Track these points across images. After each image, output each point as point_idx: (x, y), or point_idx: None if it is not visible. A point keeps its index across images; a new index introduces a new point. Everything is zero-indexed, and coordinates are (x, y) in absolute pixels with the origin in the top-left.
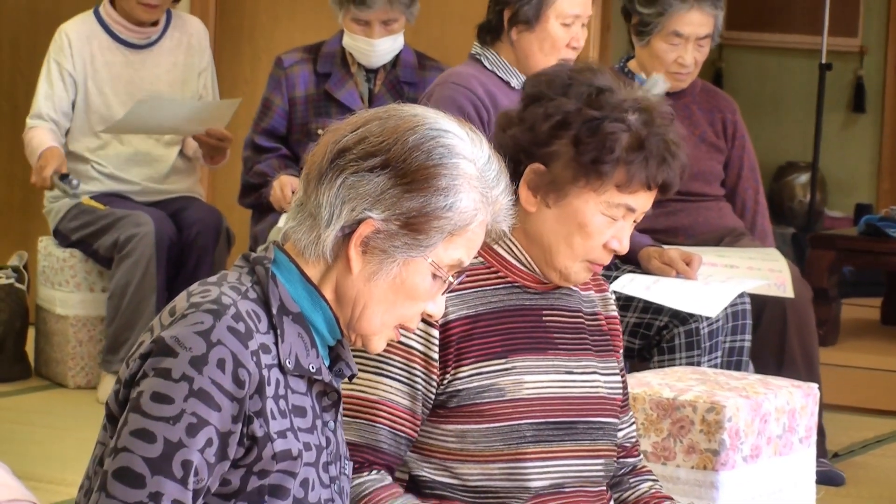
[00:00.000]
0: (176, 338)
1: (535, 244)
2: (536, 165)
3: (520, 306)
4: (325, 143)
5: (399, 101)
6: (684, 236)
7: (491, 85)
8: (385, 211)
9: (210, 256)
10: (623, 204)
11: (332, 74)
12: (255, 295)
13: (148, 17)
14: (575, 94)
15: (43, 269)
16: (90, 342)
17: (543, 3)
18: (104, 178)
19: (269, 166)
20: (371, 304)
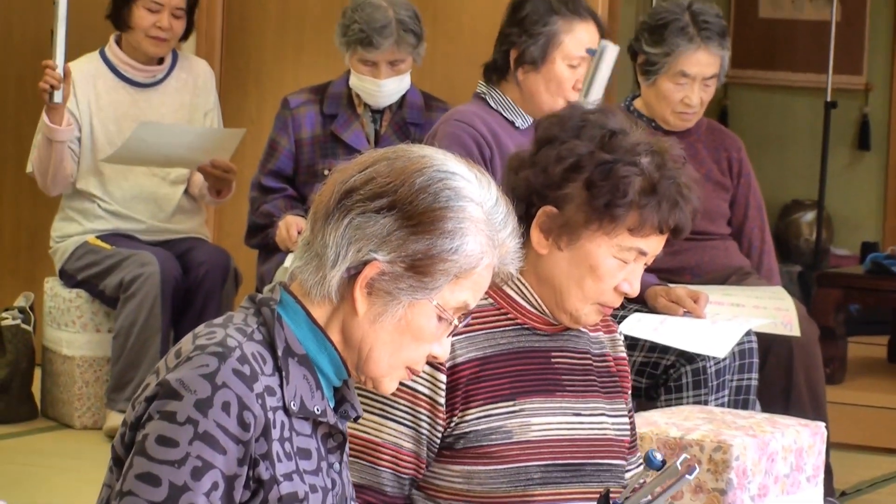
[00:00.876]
0: (181, 381)
1: (546, 286)
2: (549, 208)
3: (529, 348)
4: (332, 183)
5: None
6: (691, 275)
7: (495, 124)
8: (391, 253)
9: (217, 297)
10: (635, 247)
11: (338, 115)
12: (260, 336)
13: (156, 51)
14: (588, 136)
15: (49, 309)
16: (97, 383)
17: (550, 44)
18: (109, 215)
19: (275, 207)
20: (377, 345)
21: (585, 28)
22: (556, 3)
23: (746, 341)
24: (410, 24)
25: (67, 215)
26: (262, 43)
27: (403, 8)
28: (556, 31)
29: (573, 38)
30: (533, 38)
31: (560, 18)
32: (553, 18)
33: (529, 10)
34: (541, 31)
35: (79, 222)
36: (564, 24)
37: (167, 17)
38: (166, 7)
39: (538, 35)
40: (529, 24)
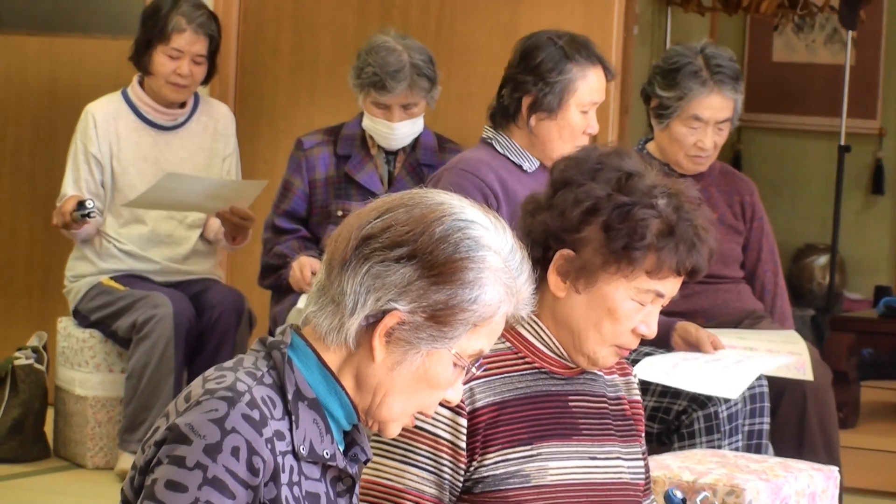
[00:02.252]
0: (190, 425)
1: (563, 329)
2: (566, 251)
3: (546, 392)
4: (348, 229)
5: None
6: (704, 318)
7: (502, 169)
8: (411, 303)
9: (232, 338)
10: (653, 290)
11: (352, 156)
12: (270, 380)
13: (176, 97)
14: (604, 178)
15: (62, 349)
16: (109, 423)
17: (566, 92)
18: (124, 255)
19: (288, 247)
20: (392, 392)
21: (596, 74)
22: (569, 49)
23: (757, 385)
24: (424, 68)
25: (82, 255)
26: (275, 84)
27: (417, 52)
28: (571, 78)
29: (586, 85)
30: (549, 86)
31: (575, 66)
32: (568, 66)
33: (544, 58)
34: (557, 79)
35: (93, 262)
36: (579, 70)
37: (187, 64)
38: (187, 54)
39: (554, 83)
40: (545, 71)
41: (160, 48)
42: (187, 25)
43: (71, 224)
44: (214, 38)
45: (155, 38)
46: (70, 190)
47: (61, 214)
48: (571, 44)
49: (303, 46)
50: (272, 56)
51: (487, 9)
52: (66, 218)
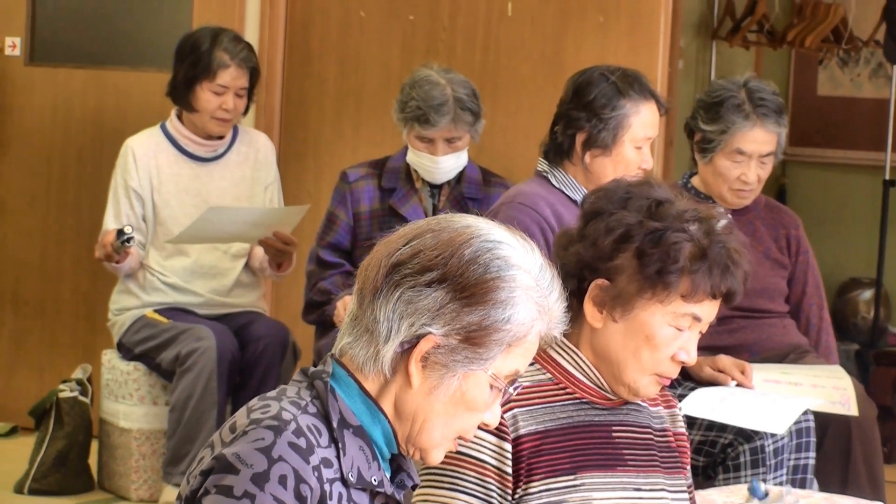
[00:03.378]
0: (237, 455)
1: (602, 360)
2: (601, 281)
3: (588, 422)
4: (377, 257)
5: None
6: (749, 353)
7: (558, 204)
8: (445, 326)
9: (276, 371)
10: (689, 313)
11: (396, 190)
12: (314, 409)
13: (221, 130)
14: (635, 206)
15: (107, 382)
16: (153, 456)
17: (620, 127)
18: (168, 288)
19: (332, 284)
20: (431, 417)
21: (649, 109)
22: (622, 85)
23: (804, 420)
24: (468, 102)
25: (126, 288)
26: (320, 116)
27: (461, 86)
28: (625, 114)
29: (640, 120)
30: (603, 123)
31: (628, 101)
32: (621, 102)
33: (597, 94)
34: (610, 115)
35: (137, 295)
36: (632, 106)
37: (231, 99)
38: (231, 89)
39: (608, 119)
40: (598, 107)
41: (205, 85)
42: (231, 61)
43: (112, 255)
44: (256, 71)
45: (200, 74)
46: (111, 224)
47: (102, 246)
48: (624, 79)
49: (348, 79)
50: (317, 89)
51: (532, 42)
52: (107, 249)
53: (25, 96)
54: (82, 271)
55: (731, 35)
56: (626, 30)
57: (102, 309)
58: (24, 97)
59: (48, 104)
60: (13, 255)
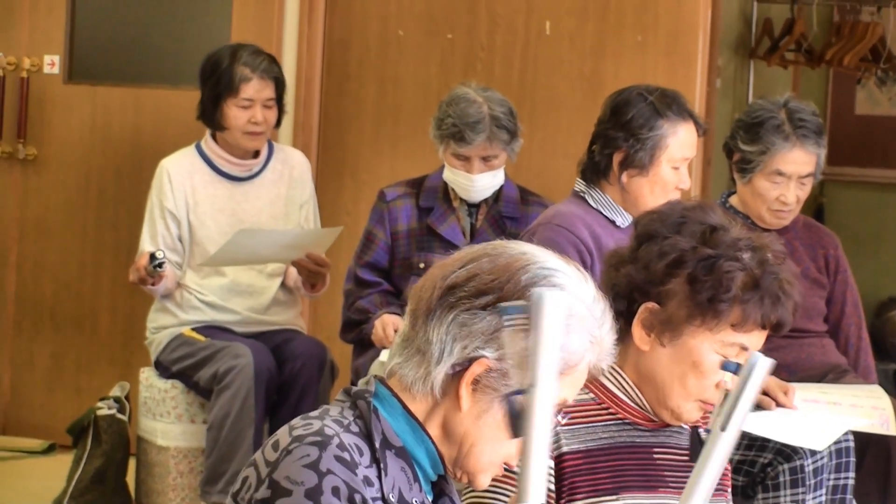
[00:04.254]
0: (288, 477)
1: (647, 383)
2: (651, 304)
3: (630, 443)
4: (432, 279)
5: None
6: (787, 373)
7: (596, 225)
8: (498, 350)
9: (314, 389)
10: (738, 343)
11: (434, 209)
12: (357, 429)
13: (253, 144)
14: (689, 232)
15: (144, 399)
16: (191, 474)
17: (657, 148)
18: (205, 306)
19: (370, 302)
20: (479, 441)
21: (687, 129)
22: (660, 105)
23: (843, 440)
24: (504, 120)
25: (163, 307)
26: (358, 135)
27: (498, 104)
28: (662, 134)
29: (677, 141)
30: (640, 143)
31: (665, 122)
32: (659, 122)
33: (634, 114)
34: (648, 135)
35: (174, 314)
36: (670, 126)
37: (260, 111)
38: (257, 101)
39: (646, 140)
40: (636, 128)
41: (230, 101)
42: (252, 74)
43: (146, 279)
44: (280, 80)
45: (223, 92)
46: (147, 246)
47: (136, 270)
48: (662, 99)
49: (386, 98)
50: (355, 107)
51: (570, 62)
52: (141, 273)
53: (64, 114)
54: (120, 289)
55: (769, 54)
56: (664, 49)
57: (140, 327)
58: (63, 115)
59: (86, 122)
60: (51, 273)
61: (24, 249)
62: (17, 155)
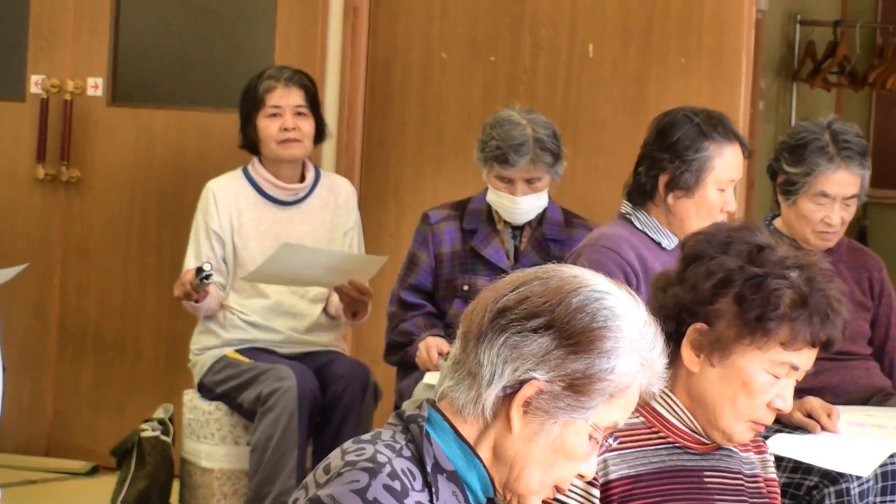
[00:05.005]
0: (332, 496)
1: (698, 404)
2: (699, 325)
3: (680, 467)
4: (483, 302)
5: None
6: (832, 395)
7: (642, 247)
8: (549, 372)
9: (356, 411)
10: (787, 362)
11: (478, 231)
12: (409, 453)
13: (291, 153)
14: (735, 251)
15: (188, 421)
16: (234, 496)
17: (703, 169)
18: (248, 326)
19: (414, 325)
20: (530, 464)
21: (733, 151)
22: (706, 126)
23: (889, 463)
24: (548, 142)
25: (206, 328)
26: (401, 157)
27: (542, 126)
28: (708, 156)
29: (723, 162)
30: (686, 165)
31: (711, 143)
32: (705, 144)
33: (680, 135)
34: (694, 157)
35: (217, 334)
36: (716, 148)
37: (290, 118)
38: (286, 108)
39: (691, 161)
40: (682, 149)
41: (260, 115)
42: (276, 83)
43: (192, 293)
44: (309, 89)
45: (251, 109)
46: (191, 265)
47: (182, 284)
48: (708, 121)
49: (429, 120)
50: (398, 130)
51: (614, 84)
52: (186, 287)
53: (107, 137)
54: (163, 311)
55: (812, 77)
56: (707, 71)
57: (183, 349)
58: (106, 137)
59: (130, 144)
60: (95, 295)
61: (67, 272)
62: (61, 177)
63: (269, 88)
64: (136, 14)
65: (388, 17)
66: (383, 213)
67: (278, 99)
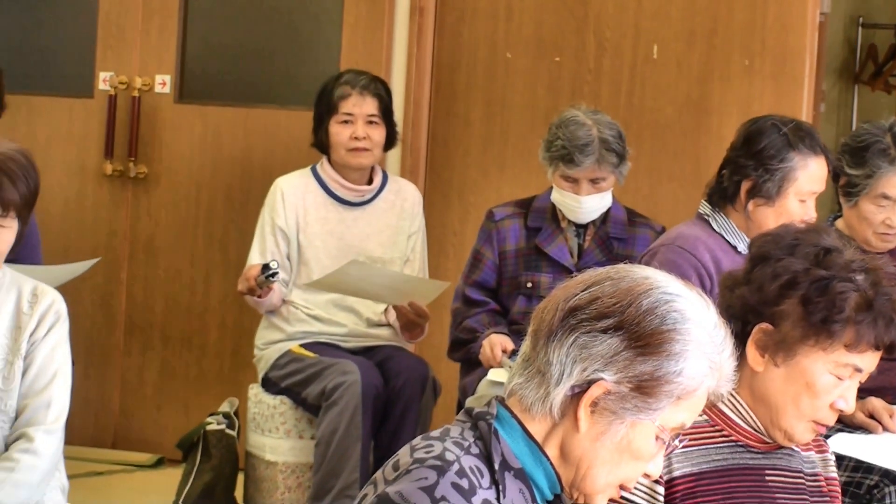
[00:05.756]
0: (400, 493)
1: (761, 403)
2: (765, 325)
3: (743, 466)
4: (554, 301)
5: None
6: (892, 396)
7: (717, 249)
8: (618, 373)
9: (416, 406)
10: (851, 364)
11: (542, 229)
12: (477, 450)
13: (359, 161)
14: (802, 253)
15: (253, 415)
16: (298, 489)
17: (786, 179)
18: (312, 320)
19: (478, 322)
20: (596, 464)
21: (818, 164)
22: (793, 138)
23: None
24: (613, 143)
25: (271, 323)
26: (466, 157)
27: (607, 127)
28: (793, 167)
29: (807, 174)
30: (769, 174)
31: (797, 154)
32: (790, 154)
33: (767, 144)
34: (778, 167)
35: (282, 329)
36: (801, 160)
37: (362, 127)
38: (358, 117)
39: (775, 171)
40: (766, 158)
41: (332, 120)
42: (352, 90)
43: (255, 289)
44: (383, 98)
45: (325, 112)
46: (256, 260)
47: (246, 279)
48: (796, 132)
49: (493, 120)
50: (463, 129)
51: (678, 86)
52: (250, 283)
53: (174, 133)
54: (229, 307)
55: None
56: (770, 73)
57: (248, 344)
58: (173, 134)
59: (196, 141)
60: (161, 290)
61: (134, 267)
62: (128, 173)
63: (344, 95)
64: (204, 12)
65: (453, 17)
66: (447, 211)
67: (352, 107)
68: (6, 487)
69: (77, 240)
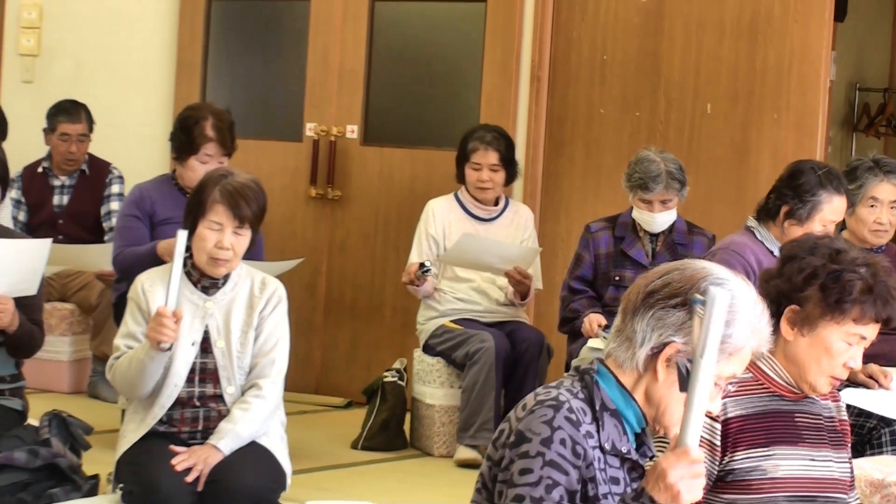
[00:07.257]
0: (529, 428)
1: (792, 364)
2: (793, 307)
3: (778, 410)
4: (637, 287)
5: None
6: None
7: (761, 254)
8: (685, 337)
9: (535, 365)
10: (858, 333)
11: (625, 237)
12: (583, 396)
13: (482, 197)
14: (819, 253)
15: (417, 371)
16: (450, 424)
17: (815, 210)
18: (457, 301)
19: (580, 304)
20: (672, 403)
21: (840, 201)
22: (825, 179)
23: None
24: (676, 174)
25: (428, 305)
26: (570, 185)
27: (672, 162)
28: (820, 201)
29: (831, 208)
30: (803, 203)
31: (825, 192)
32: (820, 192)
33: (804, 181)
34: (810, 199)
35: (436, 308)
36: (828, 196)
37: (486, 172)
38: (484, 165)
39: (807, 202)
40: (802, 191)
41: (466, 165)
42: (480, 144)
43: (414, 280)
44: (503, 151)
45: (462, 157)
46: (414, 259)
47: (407, 273)
48: (827, 175)
49: (591, 158)
50: (568, 165)
51: (725, 132)
52: (411, 276)
53: (360, 168)
54: (399, 292)
55: (867, 129)
56: (793, 124)
57: (413, 320)
58: (359, 168)
59: (375, 174)
60: (351, 279)
61: (331, 263)
62: (328, 196)
63: (474, 149)
64: (382, 77)
65: (562, 82)
66: (556, 225)
67: (479, 158)
68: (243, 423)
69: (290, 245)
